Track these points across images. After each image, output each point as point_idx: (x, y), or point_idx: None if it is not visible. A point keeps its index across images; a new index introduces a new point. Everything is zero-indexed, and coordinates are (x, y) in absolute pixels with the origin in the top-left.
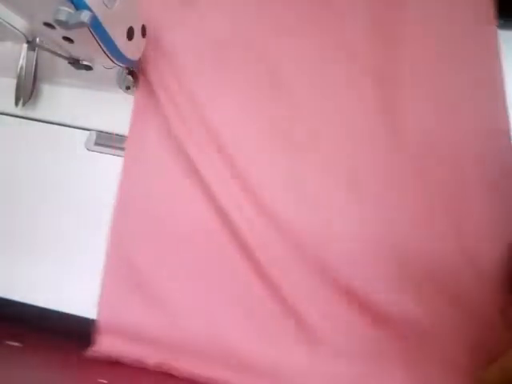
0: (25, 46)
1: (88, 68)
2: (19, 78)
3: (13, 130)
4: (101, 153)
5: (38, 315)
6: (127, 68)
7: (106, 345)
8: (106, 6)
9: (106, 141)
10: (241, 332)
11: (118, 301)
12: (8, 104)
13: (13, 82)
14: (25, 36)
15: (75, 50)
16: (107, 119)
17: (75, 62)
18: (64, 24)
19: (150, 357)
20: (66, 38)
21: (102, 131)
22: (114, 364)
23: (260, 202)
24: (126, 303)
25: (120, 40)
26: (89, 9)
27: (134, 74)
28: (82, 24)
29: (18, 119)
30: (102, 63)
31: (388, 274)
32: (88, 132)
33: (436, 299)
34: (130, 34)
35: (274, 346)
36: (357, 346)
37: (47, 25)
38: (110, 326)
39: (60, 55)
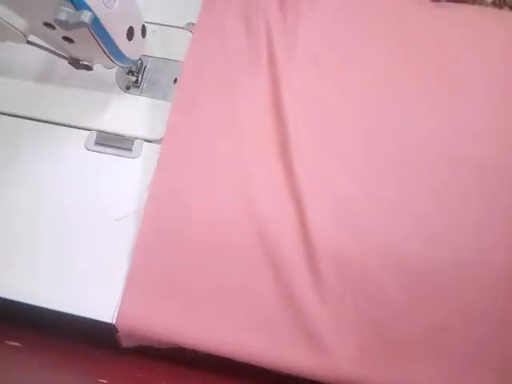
0: (25, 45)
1: (88, 68)
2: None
3: (13, 130)
4: (101, 153)
5: (37, 315)
6: (127, 68)
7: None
8: (106, 5)
9: (106, 141)
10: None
11: (143, 300)
12: (8, 104)
13: (13, 82)
14: (25, 36)
15: (75, 50)
16: (107, 119)
17: (75, 62)
18: (64, 24)
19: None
20: (66, 38)
21: (101, 131)
22: (114, 364)
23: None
24: (151, 303)
25: (120, 40)
26: (89, 9)
27: (134, 73)
28: (82, 24)
29: (18, 119)
30: (102, 63)
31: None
32: (88, 132)
33: None
34: (130, 34)
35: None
36: None
37: (47, 25)
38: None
39: (60, 55)
